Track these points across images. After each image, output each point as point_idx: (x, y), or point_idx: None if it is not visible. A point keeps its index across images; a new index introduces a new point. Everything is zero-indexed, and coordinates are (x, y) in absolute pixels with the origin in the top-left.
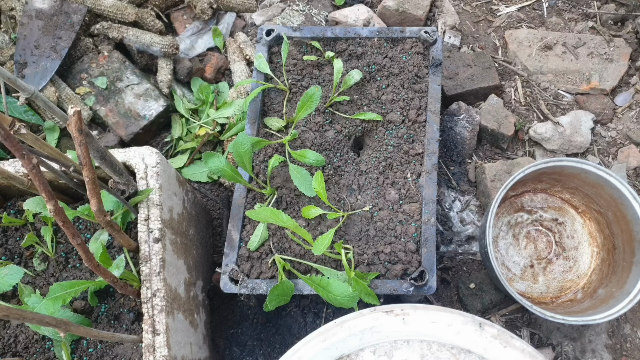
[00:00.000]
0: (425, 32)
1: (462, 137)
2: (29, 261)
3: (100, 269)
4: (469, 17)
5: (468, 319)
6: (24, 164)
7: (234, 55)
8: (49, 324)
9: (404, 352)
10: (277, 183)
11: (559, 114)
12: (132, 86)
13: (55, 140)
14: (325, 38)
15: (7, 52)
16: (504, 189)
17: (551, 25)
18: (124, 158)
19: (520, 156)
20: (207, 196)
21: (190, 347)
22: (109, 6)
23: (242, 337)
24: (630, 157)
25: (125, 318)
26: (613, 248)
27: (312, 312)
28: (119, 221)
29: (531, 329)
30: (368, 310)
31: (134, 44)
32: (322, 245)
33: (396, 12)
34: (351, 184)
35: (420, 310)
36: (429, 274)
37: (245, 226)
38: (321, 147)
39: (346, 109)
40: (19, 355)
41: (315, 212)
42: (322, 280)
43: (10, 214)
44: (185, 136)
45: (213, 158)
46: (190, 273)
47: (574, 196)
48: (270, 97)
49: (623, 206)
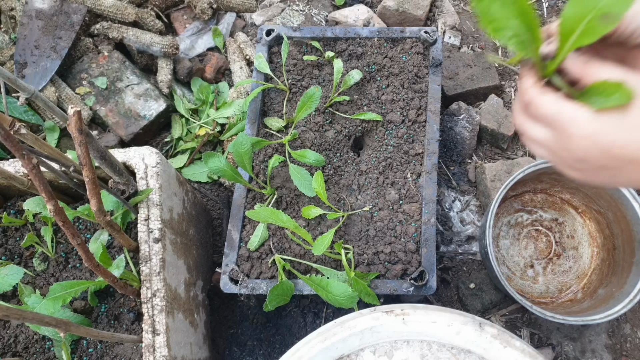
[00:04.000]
0: (425, 32)
1: (462, 137)
2: (29, 261)
3: (100, 269)
4: (469, 17)
5: (468, 319)
6: (24, 164)
7: (234, 55)
8: (49, 324)
9: (404, 352)
10: (277, 183)
11: None
12: (132, 86)
13: (55, 140)
14: (325, 38)
15: (7, 52)
16: (504, 189)
17: None
18: (124, 158)
19: (520, 156)
20: (207, 196)
21: (190, 347)
22: (109, 6)
23: (242, 337)
24: None
25: (125, 318)
26: (613, 248)
27: (312, 312)
28: (119, 221)
29: (531, 329)
30: (368, 310)
31: (134, 44)
32: (322, 245)
33: (396, 12)
34: (351, 184)
35: (420, 310)
36: (429, 274)
37: (245, 226)
38: (321, 147)
39: (346, 109)
40: (19, 355)
41: (315, 212)
42: (321, 281)
43: (10, 214)
44: (185, 136)
45: (213, 158)
46: (190, 273)
47: (574, 196)
48: (270, 97)
49: (623, 206)
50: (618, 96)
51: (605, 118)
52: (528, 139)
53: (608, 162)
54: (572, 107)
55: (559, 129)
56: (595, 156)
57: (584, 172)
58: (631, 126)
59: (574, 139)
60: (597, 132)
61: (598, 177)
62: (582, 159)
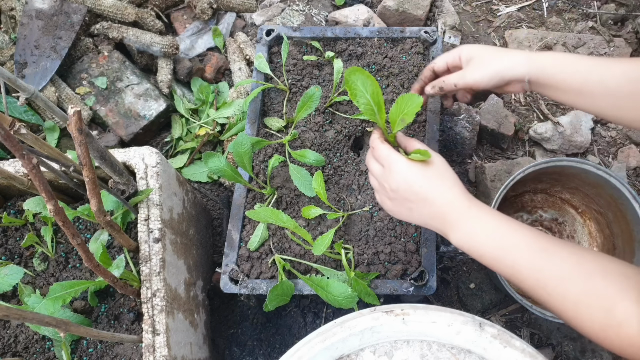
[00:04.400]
0: (425, 32)
1: (462, 137)
2: (29, 261)
3: (100, 269)
4: (469, 17)
5: (468, 319)
6: (24, 164)
7: (234, 55)
8: (49, 324)
9: (404, 352)
10: (277, 183)
11: (559, 114)
12: (132, 86)
13: (55, 140)
14: (325, 38)
15: (7, 52)
16: (504, 189)
17: (551, 25)
18: (124, 158)
19: (520, 156)
20: (207, 196)
21: (190, 347)
22: (109, 6)
23: (242, 337)
24: (630, 157)
25: (125, 318)
26: (613, 248)
27: (312, 312)
28: (119, 221)
29: (531, 329)
30: (368, 310)
31: (134, 44)
32: (322, 245)
33: (396, 12)
34: (351, 184)
35: (420, 310)
36: (429, 274)
37: (245, 226)
38: (321, 147)
39: (346, 109)
40: (19, 355)
41: (315, 212)
42: (321, 281)
43: (10, 214)
44: (185, 136)
45: (213, 158)
46: (190, 273)
47: (574, 196)
48: (270, 97)
49: (623, 206)
50: (423, 156)
51: (414, 165)
52: (370, 172)
53: (410, 196)
54: (398, 155)
55: (386, 166)
56: (404, 188)
57: (394, 201)
58: (428, 175)
59: (393, 174)
60: (408, 172)
61: (402, 207)
62: (395, 189)
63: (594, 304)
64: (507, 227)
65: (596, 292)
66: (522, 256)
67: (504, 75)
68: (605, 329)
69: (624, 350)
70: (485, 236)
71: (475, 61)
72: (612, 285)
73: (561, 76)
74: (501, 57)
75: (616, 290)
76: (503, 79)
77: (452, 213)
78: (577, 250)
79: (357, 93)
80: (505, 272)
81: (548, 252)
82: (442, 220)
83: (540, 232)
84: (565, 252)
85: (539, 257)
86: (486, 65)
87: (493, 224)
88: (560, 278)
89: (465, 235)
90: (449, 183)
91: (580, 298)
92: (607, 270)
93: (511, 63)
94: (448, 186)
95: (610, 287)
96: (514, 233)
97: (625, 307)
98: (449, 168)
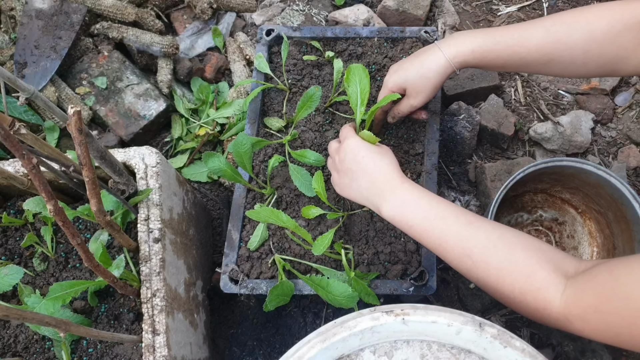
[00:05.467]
0: (425, 32)
1: (462, 137)
2: (29, 261)
3: (100, 269)
4: (469, 17)
5: (468, 319)
6: (24, 164)
7: (234, 55)
8: (49, 324)
9: (404, 352)
10: (277, 183)
11: (559, 114)
12: (132, 86)
13: (55, 140)
14: (325, 38)
15: (7, 52)
16: (504, 189)
17: None
18: (123, 158)
19: (520, 156)
20: (207, 196)
21: (190, 347)
22: (109, 6)
23: (242, 337)
24: (630, 157)
25: (125, 318)
26: (613, 248)
27: (312, 312)
28: (119, 221)
29: (531, 329)
30: (368, 310)
31: (134, 44)
32: (322, 245)
33: (396, 12)
34: None
35: (420, 310)
36: (429, 274)
37: (245, 226)
38: (321, 147)
39: (346, 109)
40: (19, 355)
41: (315, 212)
42: (321, 281)
43: (10, 214)
44: (185, 136)
45: (213, 158)
46: (190, 273)
47: (574, 196)
48: (270, 97)
49: (623, 206)
50: (371, 138)
51: (364, 142)
52: (329, 151)
53: (353, 165)
54: (354, 135)
55: (342, 142)
56: (350, 158)
57: (340, 173)
58: (372, 150)
59: (344, 146)
60: (355, 145)
61: (346, 177)
62: (342, 159)
63: (516, 270)
64: (437, 201)
65: (518, 260)
66: (450, 227)
67: (439, 83)
68: (524, 292)
69: (538, 312)
70: (416, 206)
71: (409, 90)
72: (532, 257)
73: (485, 62)
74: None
75: (535, 261)
76: (440, 84)
77: (387, 184)
78: (499, 226)
79: (351, 83)
80: (432, 242)
81: (474, 225)
82: (378, 192)
83: (465, 210)
84: (490, 226)
85: (466, 229)
86: (422, 87)
87: (425, 200)
88: (486, 247)
89: (398, 206)
90: (388, 161)
91: (503, 265)
92: (526, 245)
93: (437, 69)
94: (386, 163)
95: (531, 258)
96: (444, 207)
97: (543, 275)
98: (392, 154)
